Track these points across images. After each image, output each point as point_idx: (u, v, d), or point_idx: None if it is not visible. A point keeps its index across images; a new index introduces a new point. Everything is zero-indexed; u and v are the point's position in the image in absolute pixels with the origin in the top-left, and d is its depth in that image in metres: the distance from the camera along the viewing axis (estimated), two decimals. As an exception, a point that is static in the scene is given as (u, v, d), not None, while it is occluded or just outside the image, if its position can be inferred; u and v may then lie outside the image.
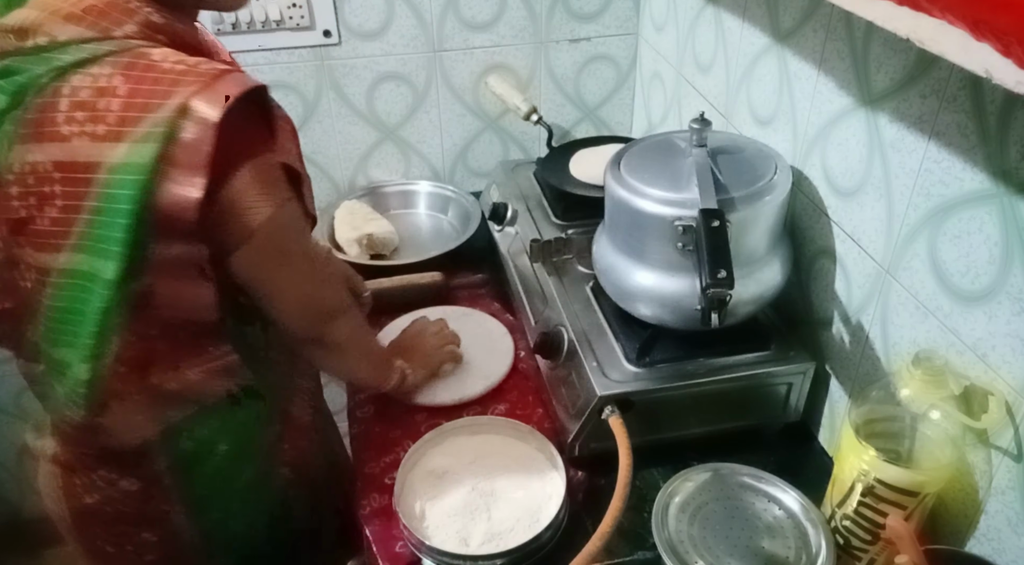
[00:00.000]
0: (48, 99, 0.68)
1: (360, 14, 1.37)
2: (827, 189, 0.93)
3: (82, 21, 0.69)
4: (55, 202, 0.70)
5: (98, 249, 0.69)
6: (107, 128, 0.66)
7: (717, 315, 0.79)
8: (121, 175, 0.67)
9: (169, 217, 0.68)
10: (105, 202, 0.68)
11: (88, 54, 0.68)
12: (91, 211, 0.69)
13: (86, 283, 0.71)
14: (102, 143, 0.67)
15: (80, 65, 0.68)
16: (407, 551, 0.87)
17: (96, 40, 0.68)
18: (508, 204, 1.29)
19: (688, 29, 1.27)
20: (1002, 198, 0.68)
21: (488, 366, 1.10)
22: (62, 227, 0.70)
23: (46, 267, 0.73)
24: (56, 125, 0.67)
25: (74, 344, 0.73)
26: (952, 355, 0.76)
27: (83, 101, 0.67)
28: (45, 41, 0.68)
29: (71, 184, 0.68)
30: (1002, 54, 0.46)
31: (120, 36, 0.69)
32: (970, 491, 0.75)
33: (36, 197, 0.70)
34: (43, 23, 0.68)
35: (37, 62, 0.68)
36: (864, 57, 0.83)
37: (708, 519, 0.82)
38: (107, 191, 0.67)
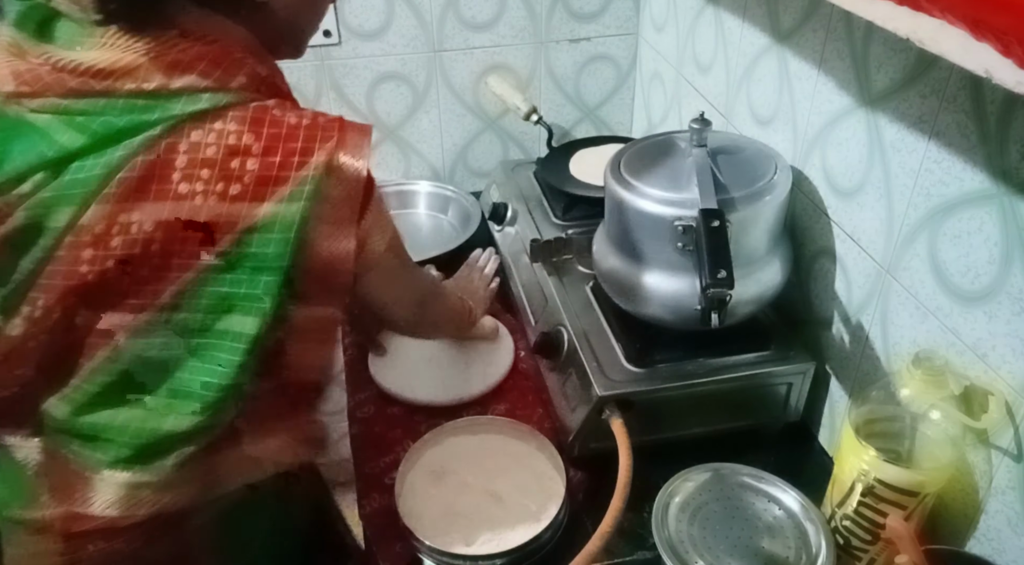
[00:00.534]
0: (160, 156, 0.63)
1: (360, 14, 1.37)
2: (827, 189, 0.93)
3: (192, 70, 0.64)
4: (149, 262, 0.65)
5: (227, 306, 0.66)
6: (242, 187, 0.63)
7: (717, 315, 0.79)
8: (266, 234, 0.64)
9: (323, 274, 0.67)
10: (243, 261, 0.65)
11: (207, 105, 0.64)
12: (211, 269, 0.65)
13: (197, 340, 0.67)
14: (238, 203, 0.64)
15: (199, 117, 0.64)
16: (407, 551, 0.87)
17: (212, 90, 0.64)
18: (508, 204, 1.29)
19: (688, 29, 1.27)
20: (1002, 198, 0.68)
21: (488, 366, 1.10)
22: (152, 286, 0.65)
23: (109, 329, 0.67)
24: (169, 183, 0.63)
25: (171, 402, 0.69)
26: (952, 355, 0.76)
27: (209, 159, 0.63)
28: (151, 87, 0.63)
29: (182, 243, 0.64)
30: (1002, 54, 0.46)
31: (235, 88, 0.66)
32: (970, 491, 0.75)
33: (117, 260, 0.64)
34: (139, 67, 0.63)
35: (139, 109, 0.63)
36: (864, 57, 0.83)
37: (708, 519, 0.82)
38: (246, 250, 0.65)
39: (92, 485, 0.71)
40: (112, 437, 0.70)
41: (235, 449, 0.74)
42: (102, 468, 0.70)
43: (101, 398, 0.69)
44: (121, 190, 0.63)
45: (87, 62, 0.63)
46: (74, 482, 0.72)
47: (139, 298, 0.66)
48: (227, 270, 0.65)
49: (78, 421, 0.70)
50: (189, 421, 0.69)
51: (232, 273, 0.65)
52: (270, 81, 0.71)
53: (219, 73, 0.65)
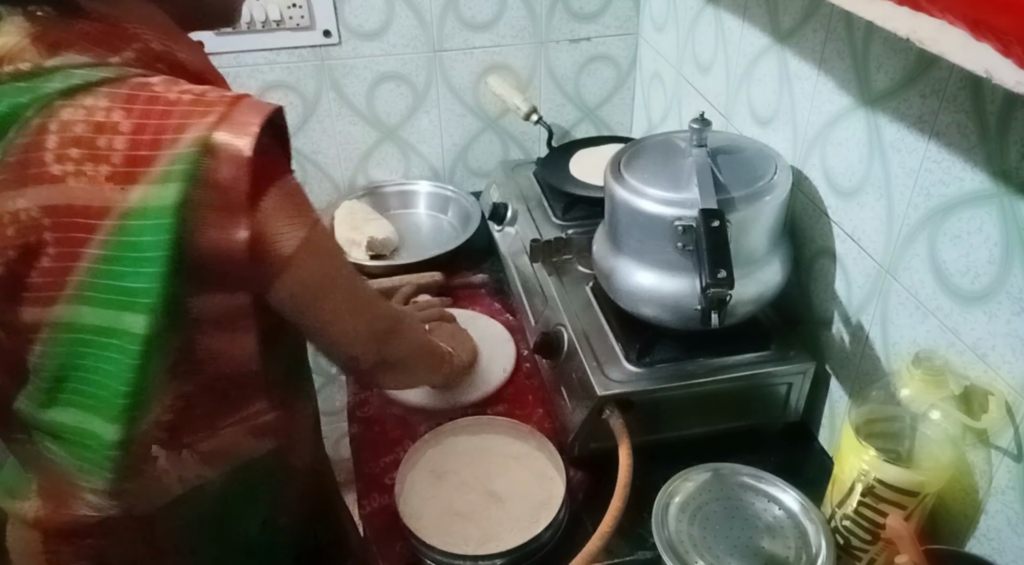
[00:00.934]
0: (33, 137, 0.60)
1: (360, 14, 1.37)
2: (827, 189, 0.93)
3: (73, 46, 0.62)
4: (46, 250, 0.62)
5: (118, 301, 0.63)
6: (112, 169, 0.60)
7: (717, 315, 0.79)
8: (140, 220, 0.60)
9: (214, 264, 0.63)
10: (122, 251, 0.61)
11: (79, 80, 0.61)
12: (99, 260, 0.62)
13: (100, 338, 0.64)
14: (107, 185, 0.60)
15: (69, 94, 0.61)
16: (407, 551, 0.87)
17: (89, 66, 0.62)
18: (508, 204, 1.29)
19: (688, 29, 1.27)
20: (1002, 198, 0.68)
21: (488, 372, 1.10)
22: (55, 278, 0.63)
23: (33, 323, 0.65)
24: (44, 165, 0.60)
25: (95, 404, 0.66)
26: (952, 355, 0.76)
27: (78, 137, 0.60)
28: (28, 67, 0.61)
29: (67, 230, 0.61)
30: (1002, 54, 0.46)
31: (117, 63, 0.63)
32: (970, 491, 0.75)
33: (17, 250, 0.62)
34: (24, 50, 0.62)
35: (18, 92, 0.61)
36: (864, 57, 0.83)
37: (708, 519, 0.82)
38: (123, 239, 0.61)
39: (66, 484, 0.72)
40: (70, 437, 0.69)
41: (178, 452, 0.72)
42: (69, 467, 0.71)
43: (52, 395, 0.69)
44: (5, 176, 0.62)
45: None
46: (57, 482, 0.73)
47: (48, 290, 0.64)
48: (112, 261, 0.62)
49: (42, 418, 0.70)
50: (110, 430, 0.66)
51: (117, 264, 0.62)
52: (169, 57, 0.67)
53: (99, 49, 0.63)
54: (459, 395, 1.06)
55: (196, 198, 0.60)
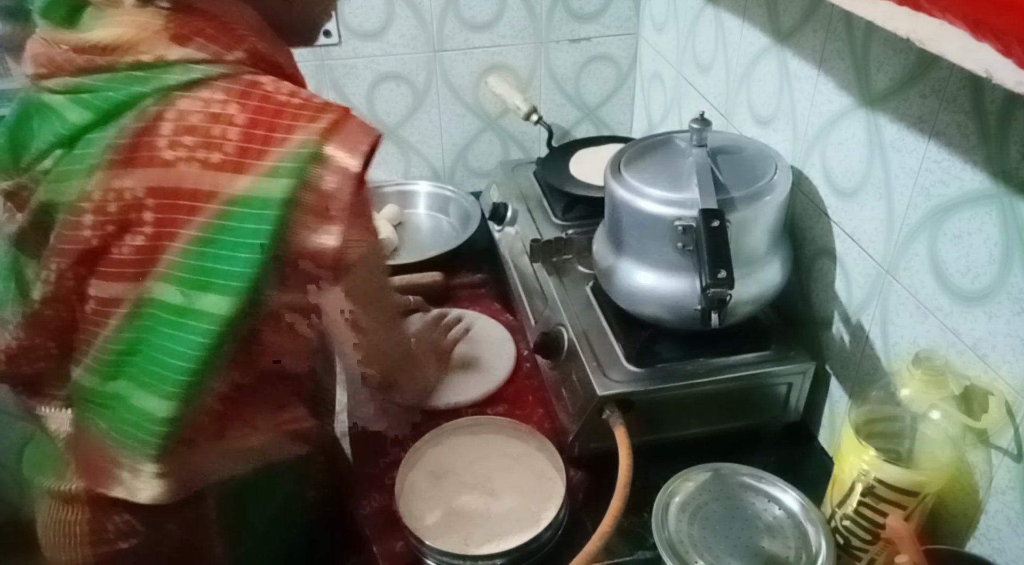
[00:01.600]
0: (148, 123, 0.64)
1: (360, 14, 1.37)
2: (827, 189, 0.93)
3: (190, 42, 0.66)
4: (143, 230, 0.65)
5: (205, 282, 0.65)
6: (223, 157, 0.63)
7: (717, 315, 0.79)
8: (244, 208, 0.64)
9: (302, 263, 0.67)
10: (222, 234, 0.64)
11: (200, 74, 0.65)
12: (195, 241, 0.65)
13: (178, 318, 0.67)
14: (218, 172, 0.63)
15: (188, 86, 0.65)
16: (407, 551, 0.87)
17: (207, 62, 0.66)
18: (508, 204, 1.29)
19: (688, 29, 1.27)
20: (1002, 198, 0.68)
21: (488, 372, 1.10)
22: (147, 255, 0.66)
23: (115, 298, 0.68)
24: (156, 150, 0.64)
25: (153, 382, 0.69)
26: (952, 355, 0.76)
27: (193, 125, 0.64)
28: (149, 58, 0.65)
29: (169, 211, 0.65)
30: (1002, 54, 0.46)
31: (231, 61, 0.67)
32: (970, 491, 0.75)
33: (116, 225, 0.66)
34: (142, 41, 0.65)
35: (136, 81, 0.65)
36: (864, 57, 0.83)
37: (708, 519, 0.82)
38: (225, 223, 0.64)
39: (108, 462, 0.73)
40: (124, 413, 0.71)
41: (218, 442, 0.75)
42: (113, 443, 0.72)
43: (118, 368, 0.71)
44: (114, 157, 0.65)
45: (93, 40, 0.65)
46: (95, 458, 0.74)
47: (138, 267, 0.67)
48: (209, 243, 0.65)
49: (101, 390, 0.72)
50: (163, 407, 0.68)
51: (213, 247, 0.65)
52: (272, 59, 0.71)
53: (216, 47, 0.67)
54: (459, 395, 1.06)
55: (301, 199, 0.64)
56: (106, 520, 0.78)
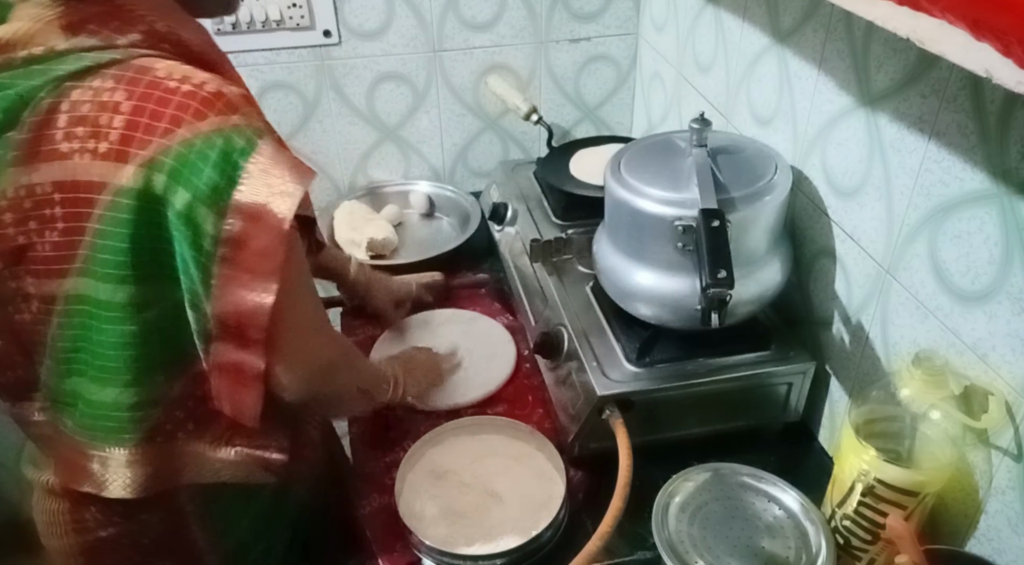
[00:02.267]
0: (45, 116, 0.64)
1: (360, 14, 1.37)
2: (827, 189, 0.93)
3: (81, 30, 0.65)
4: (56, 225, 0.66)
5: (118, 275, 0.66)
6: (109, 146, 0.63)
7: (717, 315, 0.79)
8: (126, 199, 0.64)
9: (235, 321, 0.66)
10: (115, 226, 0.65)
11: (90, 62, 0.64)
12: (96, 234, 0.65)
13: (102, 311, 0.68)
14: (104, 161, 0.63)
15: (80, 76, 0.64)
16: (407, 551, 0.87)
17: (98, 49, 0.65)
18: (508, 204, 1.29)
19: (688, 29, 1.27)
20: (1002, 198, 0.68)
21: (488, 373, 1.10)
22: (65, 251, 0.67)
23: (51, 295, 0.69)
24: (54, 143, 0.64)
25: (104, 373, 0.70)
26: (952, 355, 0.76)
27: (83, 116, 0.63)
28: (40, 51, 0.64)
29: (72, 205, 0.65)
30: (1002, 54, 0.46)
31: (124, 45, 0.66)
32: (970, 491, 0.75)
33: (36, 221, 0.66)
34: (36, 34, 0.64)
35: (32, 75, 0.64)
36: (864, 57, 0.83)
37: (708, 519, 0.82)
38: (116, 215, 0.64)
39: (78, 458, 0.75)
40: (86, 408, 0.73)
41: (195, 444, 0.77)
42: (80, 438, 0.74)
43: (69, 365, 0.72)
44: (20, 153, 0.65)
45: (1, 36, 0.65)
46: (67, 454, 0.76)
47: (61, 263, 0.68)
48: (107, 236, 0.65)
49: (61, 387, 0.73)
50: (126, 394, 0.70)
51: (111, 239, 0.65)
52: (172, 37, 0.69)
53: (107, 32, 0.66)
54: (459, 395, 1.06)
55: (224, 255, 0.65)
56: (83, 510, 0.79)
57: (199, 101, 0.63)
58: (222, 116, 0.64)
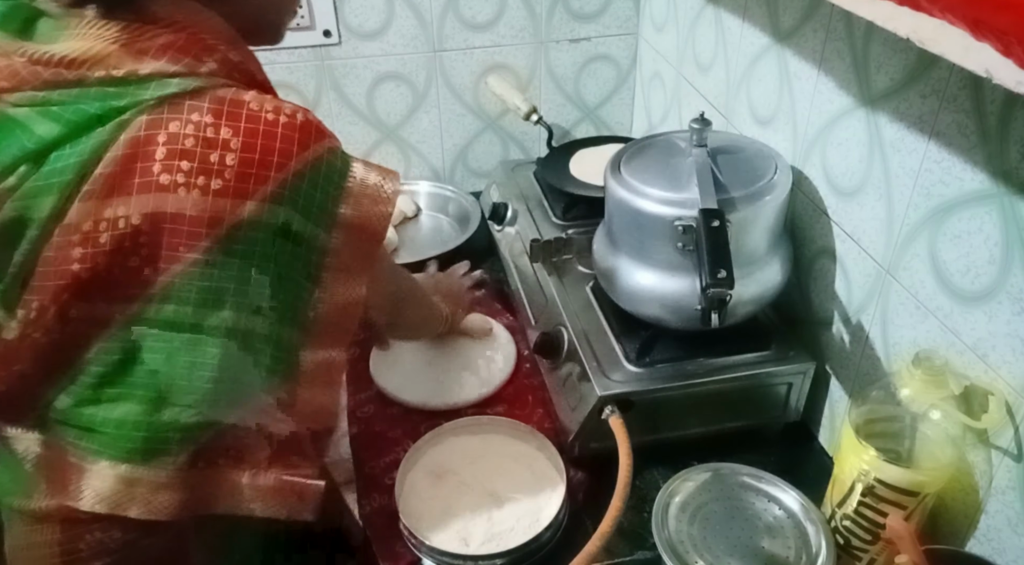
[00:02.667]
0: (139, 149, 0.63)
1: (360, 14, 1.37)
2: (827, 189, 0.93)
3: (161, 55, 0.65)
4: (138, 252, 0.65)
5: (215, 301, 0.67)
6: (223, 183, 0.64)
7: (717, 315, 0.79)
8: (250, 232, 0.66)
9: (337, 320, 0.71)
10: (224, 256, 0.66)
11: (176, 89, 0.64)
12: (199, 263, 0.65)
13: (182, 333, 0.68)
14: (220, 198, 0.64)
15: (165, 101, 0.64)
16: (407, 551, 0.87)
17: (182, 75, 0.65)
18: (508, 204, 1.29)
19: (688, 29, 1.27)
20: (1002, 198, 0.68)
21: (488, 372, 1.10)
22: (141, 277, 0.66)
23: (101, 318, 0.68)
24: (150, 175, 0.64)
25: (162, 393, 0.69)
26: (952, 355, 0.76)
27: (188, 150, 0.64)
28: (120, 73, 0.63)
29: (168, 235, 0.65)
30: (1002, 54, 0.46)
31: (205, 73, 0.66)
32: (970, 491, 0.75)
33: (107, 256, 0.65)
34: (111, 55, 0.64)
35: (108, 96, 0.64)
36: (864, 57, 0.83)
37: (708, 519, 0.82)
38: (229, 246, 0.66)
39: (85, 477, 0.71)
40: (110, 430, 0.70)
41: (233, 472, 0.75)
42: (100, 458, 0.71)
43: (99, 390, 0.70)
44: (102, 186, 0.64)
45: (60, 52, 0.64)
46: (69, 473, 0.72)
47: (130, 289, 0.66)
48: (216, 266, 0.66)
49: (78, 413, 0.71)
50: (187, 414, 0.69)
51: (221, 269, 0.66)
52: (243, 67, 0.71)
53: (188, 59, 0.66)
54: (459, 395, 1.06)
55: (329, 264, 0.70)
56: (79, 539, 0.75)
57: (299, 132, 0.67)
58: (318, 143, 0.69)
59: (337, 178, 0.71)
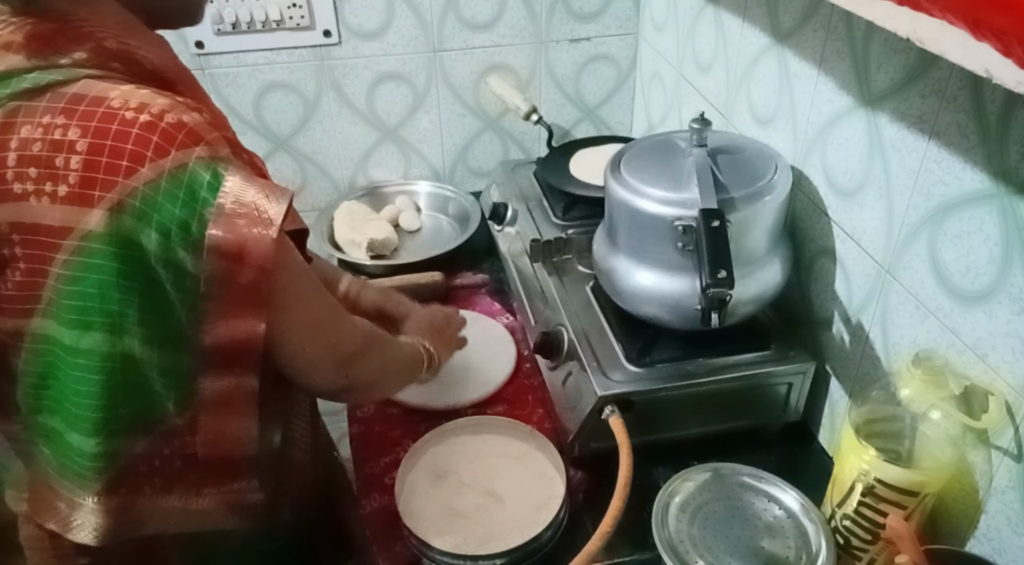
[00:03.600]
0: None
1: (360, 14, 1.37)
2: (827, 189, 0.93)
3: (23, 49, 0.61)
4: (18, 265, 0.63)
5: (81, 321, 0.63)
6: (68, 189, 0.59)
7: (717, 315, 0.79)
8: (95, 244, 0.60)
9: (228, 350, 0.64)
10: (84, 271, 0.61)
11: (29, 84, 0.60)
12: (62, 279, 0.62)
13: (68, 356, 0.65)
14: (66, 206, 0.60)
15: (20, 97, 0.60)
16: (407, 551, 0.87)
17: (40, 69, 0.61)
18: (508, 204, 1.29)
19: (688, 29, 1.27)
20: (1002, 198, 0.68)
21: (488, 372, 1.10)
22: (29, 291, 0.64)
23: (18, 332, 0.66)
24: (6, 183, 0.60)
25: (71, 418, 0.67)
26: (952, 355, 0.76)
27: (35, 156, 0.60)
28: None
29: (34, 247, 0.62)
30: (1002, 54, 0.46)
31: (67, 64, 0.61)
32: (970, 491, 0.75)
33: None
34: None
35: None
36: (864, 57, 0.83)
37: (708, 519, 0.82)
38: (85, 260, 0.61)
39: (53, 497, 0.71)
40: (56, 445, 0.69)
41: (162, 498, 0.73)
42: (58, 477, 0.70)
43: (38, 401, 0.69)
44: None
45: None
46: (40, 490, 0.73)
47: (24, 302, 0.65)
48: (74, 282, 0.62)
49: (35, 420, 0.70)
50: (89, 444, 0.67)
51: (80, 285, 0.62)
52: (124, 54, 0.65)
53: (49, 51, 0.62)
54: (459, 395, 1.06)
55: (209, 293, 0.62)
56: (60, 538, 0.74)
57: (159, 135, 0.60)
58: (184, 149, 0.60)
59: (204, 192, 0.61)
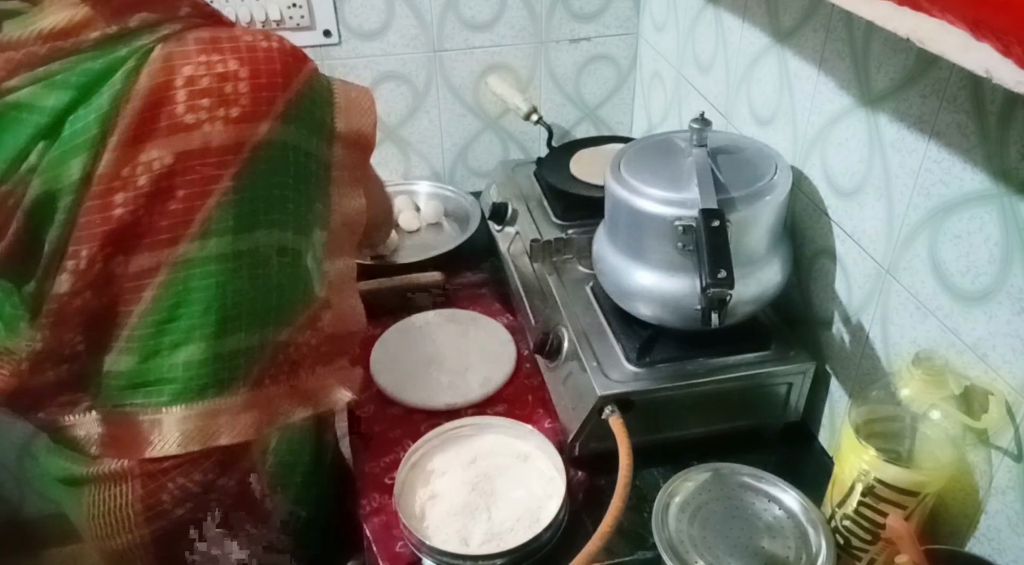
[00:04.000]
0: (159, 95, 0.68)
1: (360, 14, 1.37)
2: (827, 189, 0.93)
3: (139, 7, 0.69)
4: (174, 194, 0.70)
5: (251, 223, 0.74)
6: (240, 109, 0.70)
7: (717, 315, 0.79)
8: (265, 151, 0.72)
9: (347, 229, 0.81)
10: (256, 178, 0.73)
11: (168, 31, 0.70)
12: (229, 191, 0.71)
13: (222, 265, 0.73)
14: (240, 124, 0.70)
15: (168, 44, 0.69)
16: (407, 551, 0.87)
17: (168, 21, 0.70)
18: (508, 204, 1.29)
19: (688, 29, 1.27)
20: (1002, 198, 0.68)
21: (488, 372, 1.10)
22: (180, 218, 0.71)
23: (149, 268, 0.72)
24: (175, 117, 0.68)
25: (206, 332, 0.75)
26: (952, 355, 0.76)
27: (206, 89, 0.69)
28: (113, 31, 0.67)
29: (199, 171, 0.70)
30: (1002, 54, 0.46)
31: (184, 16, 0.72)
32: (970, 491, 0.75)
33: (147, 197, 0.69)
34: (93, 18, 0.67)
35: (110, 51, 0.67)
36: (864, 57, 0.83)
37: (708, 519, 0.82)
38: (256, 167, 0.72)
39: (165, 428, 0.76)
40: (178, 374, 0.75)
41: (294, 380, 0.82)
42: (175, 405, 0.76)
43: (159, 339, 0.74)
44: (132, 133, 0.68)
45: (47, 27, 0.66)
46: (144, 433, 0.77)
47: (172, 232, 0.71)
48: (246, 189, 0.72)
49: (143, 369, 0.75)
50: (247, 339, 0.76)
51: (251, 191, 0.72)
52: (209, 9, 0.77)
53: (163, 6, 0.71)
54: (459, 395, 1.06)
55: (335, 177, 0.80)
56: (161, 490, 0.79)
57: (291, 57, 0.75)
58: (305, 64, 0.76)
59: (327, 95, 0.78)
